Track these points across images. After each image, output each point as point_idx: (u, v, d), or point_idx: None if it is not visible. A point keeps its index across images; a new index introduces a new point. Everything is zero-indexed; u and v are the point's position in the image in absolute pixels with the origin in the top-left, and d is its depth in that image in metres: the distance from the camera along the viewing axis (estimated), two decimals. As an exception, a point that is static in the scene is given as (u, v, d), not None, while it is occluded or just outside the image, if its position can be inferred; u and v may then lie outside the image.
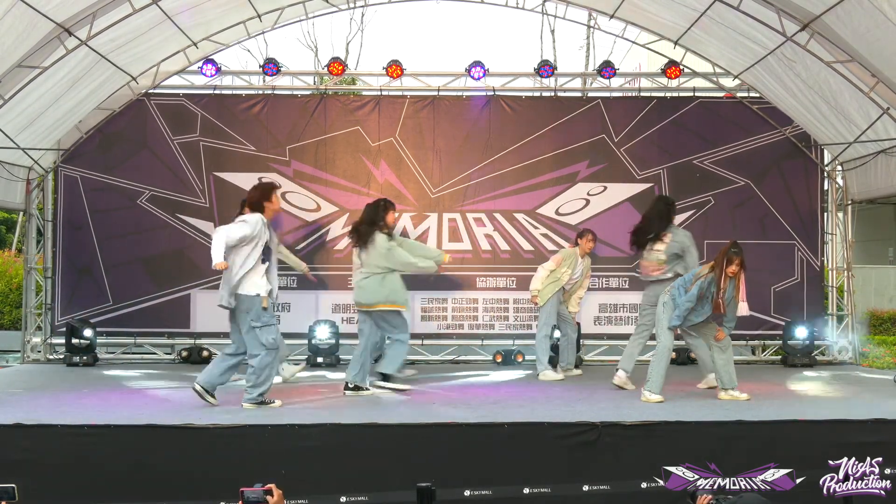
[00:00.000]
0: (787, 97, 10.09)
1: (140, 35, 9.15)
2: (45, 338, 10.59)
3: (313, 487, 5.70)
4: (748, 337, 10.52)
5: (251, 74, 11.24)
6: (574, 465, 5.92)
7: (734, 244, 7.37)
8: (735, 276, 7.34)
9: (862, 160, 10.14)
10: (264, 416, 6.53)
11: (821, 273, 10.88)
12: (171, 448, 5.94)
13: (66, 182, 10.55)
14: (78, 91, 9.41)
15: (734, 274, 7.32)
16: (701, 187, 10.68)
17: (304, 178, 10.70)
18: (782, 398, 7.75)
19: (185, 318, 10.58)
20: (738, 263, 7.29)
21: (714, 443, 6.06)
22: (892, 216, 21.90)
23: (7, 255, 20.34)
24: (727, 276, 7.30)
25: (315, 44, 29.43)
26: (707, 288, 7.33)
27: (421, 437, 6.13)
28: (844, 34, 8.22)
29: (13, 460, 5.76)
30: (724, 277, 7.30)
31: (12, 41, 7.68)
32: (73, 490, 5.58)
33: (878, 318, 17.83)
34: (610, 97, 11.08)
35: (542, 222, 10.76)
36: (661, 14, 9.92)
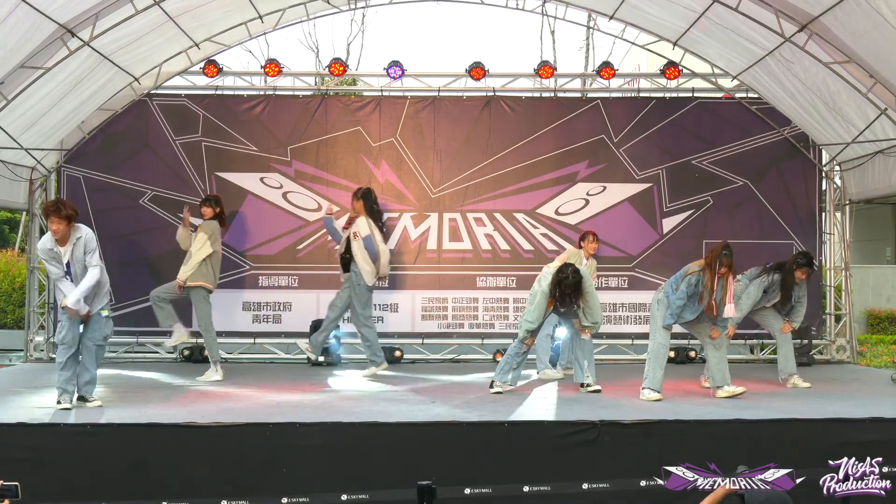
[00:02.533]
0: (786, 98, 10.08)
1: (142, 36, 9.14)
2: (48, 337, 10.59)
3: (314, 486, 5.69)
4: (747, 336, 10.51)
5: (253, 75, 11.23)
6: (574, 463, 5.92)
7: (726, 246, 7.43)
8: (724, 278, 7.36)
9: (860, 160, 10.14)
10: (266, 415, 6.53)
11: (819, 273, 10.87)
12: (173, 447, 5.94)
13: (68, 182, 10.54)
14: (80, 91, 9.41)
15: (724, 276, 7.35)
16: (700, 187, 10.68)
17: (305, 178, 10.70)
18: (781, 397, 7.75)
19: (186, 318, 10.54)
20: (727, 266, 7.33)
21: (713, 441, 6.06)
22: (889, 216, 21.91)
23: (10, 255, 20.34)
24: (717, 276, 7.33)
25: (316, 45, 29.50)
26: (695, 285, 7.38)
27: (421, 436, 6.12)
28: (842, 35, 8.21)
29: (16, 459, 5.75)
30: (715, 278, 7.32)
31: (15, 42, 7.68)
32: (75, 488, 5.58)
33: (876, 317, 17.85)
34: (609, 98, 11.07)
35: (541, 222, 10.76)
36: (660, 15, 9.91)
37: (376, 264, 9.00)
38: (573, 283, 7.53)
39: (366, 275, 8.94)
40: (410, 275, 10.63)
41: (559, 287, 7.57)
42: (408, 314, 10.69)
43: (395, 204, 10.71)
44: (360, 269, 8.93)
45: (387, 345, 10.41)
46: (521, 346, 7.91)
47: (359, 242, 8.93)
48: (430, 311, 10.64)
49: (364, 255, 8.92)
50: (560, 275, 7.59)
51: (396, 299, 10.66)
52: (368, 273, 8.95)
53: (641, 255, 10.72)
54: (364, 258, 8.92)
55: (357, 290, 9.00)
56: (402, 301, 10.69)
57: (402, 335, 10.60)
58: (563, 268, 7.66)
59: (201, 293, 8.89)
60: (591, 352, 8.08)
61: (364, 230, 8.96)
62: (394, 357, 10.30)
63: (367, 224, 9.01)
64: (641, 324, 10.46)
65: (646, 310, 10.33)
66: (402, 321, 10.63)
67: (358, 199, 9.15)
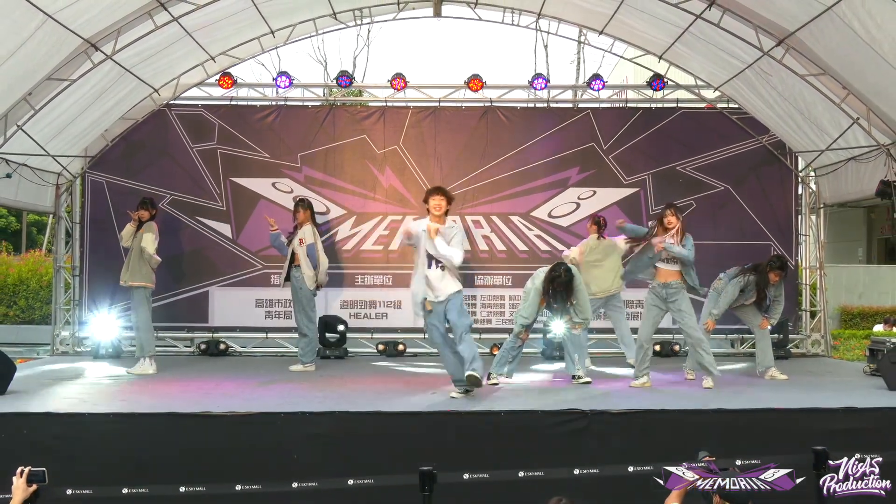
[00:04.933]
0: (764, 108, 10.08)
1: (161, 50, 9.15)
2: (73, 332, 10.60)
3: (323, 471, 5.69)
4: (728, 331, 10.50)
5: (265, 86, 11.23)
6: (566, 450, 5.92)
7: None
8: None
9: (833, 167, 10.14)
10: (277, 405, 6.54)
11: (795, 272, 10.88)
12: (191, 434, 5.95)
13: (92, 187, 10.54)
14: (104, 102, 9.41)
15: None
16: (684, 192, 10.66)
17: (314, 184, 10.70)
18: (759, 388, 7.75)
19: (203, 314, 10.58)
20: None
21: (695, 430, 6.07)
22: (861, 219, 21.92)
23: (38, 255, 20.34)
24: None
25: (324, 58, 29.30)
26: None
27: (423, 425, 6.14)
28: (817, 49, 8.21)
29: (44, 446, 5.77)
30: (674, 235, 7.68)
31: (43, 55, 7.68)
32: (99, 473, 5.58)
33: (849, 313, 17.85)
34: (599, 108, 11.09)
35: (535, 224, 10.76)
36: (646, 30, 9.91)
37: (316, 271, 8.98)
38: (565, 282, 7.53)
39: (308, 279, 8.91)
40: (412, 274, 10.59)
41: (552, 285, 7.57)
42: (410, 310, 10.62)
43: (399, 207, 10.71)
44: (303, 273, 8.90)
45: (390, 339, 10.44)
46: (517, 341, 7.91)
47: (303, 249, 8.93)
48: (431, 307, 10.62)
49: (307, 261, 8.92)
50: (553, 273, 7.59)
51: (399, 296, 10.66)
52: (310, 278, 8.92)
53: (630, 255, 10.69)
54: (307, 264, 8.91)
55: (300, 294, 8.97)
56: (404, 298, 10.64)
57: (404, 330, 10.58)
58: (555, 266, 7.67)
59: (145, 293, 8.72)
60: (581, 346, 8.07)
61: (309, 238, 8.99)
62: (397, 350, 10.32)
63: (313, 232, 9.06)
64: (630, 319, 10.44)
65: (634, 306, 10.35)
66: (404, 317, 10.61)
67: (305, 208, 9.14)
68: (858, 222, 21.92)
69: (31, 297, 17.89)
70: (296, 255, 8.95)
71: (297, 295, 9.00)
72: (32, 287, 17.91)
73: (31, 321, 17.56)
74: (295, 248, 8.97)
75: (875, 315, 17.12)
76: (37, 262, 18.71)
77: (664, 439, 5.95)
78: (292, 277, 8.99)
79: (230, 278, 10.60)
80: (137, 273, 8.63)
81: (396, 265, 10.63)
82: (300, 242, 8.96)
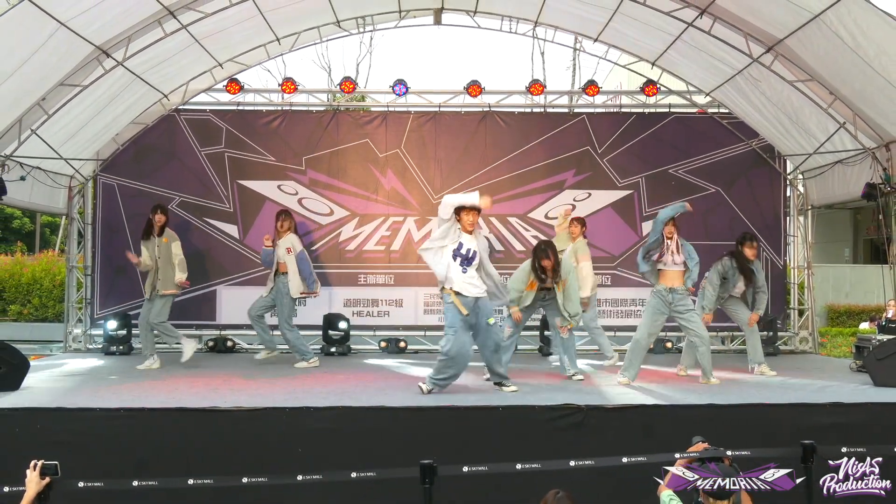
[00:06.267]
0: (754, 113, 10.07)
1: (171, 56, 9.14)
2: (85, 329, 10.59)
3: (326, 464, 5.68)
4: (719, 328, 10.49)
5: (271, 92, 11.21)
6: (562, 443, 5.93)
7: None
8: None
9: (821, 170, 10.13)
10: (283, 400, 6.52)
11: (784, 271, 10.89)
12: (199, 428, 5.94)
13: (104, 189, 10.54)
14: (115, 107, 9.40)
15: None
16: (676, 194, 10.64)
17: (318, 186, 10.69)
18: (749, 384, 7.74)
19: (211, 312, 10.57)
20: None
21: (687, 424, 6.04)
22: (848, 220, 21.93)
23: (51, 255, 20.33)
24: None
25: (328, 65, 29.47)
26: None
27: (424, 419, 6.12)
28: (805, 56, 8.20)
29: (56, 440, 5.76)
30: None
31: (56, 62, 7.67)
32: (109, 467, 5.57)
33: (836, 311, 17.87)
34: (594, 113, 11.09)
35: (532, 225, 10.75)
36: (639, 38, 9.90)
37: (304, 278, 8.96)
38: (548, 250, 7.56)
39: (293, 286, 8.91)
40: (413, 273, 10.61)
41: (536, 257, 7.60)
42: (411, 308, 10.68)
43: (400, 209, 10.70)
44: (290, 280, 8.90)
45: (392, 336, 10.43)
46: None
47: (292, 258, 8.92)
48: (432, 305, 10.63)
49: (295, 269, 8.90)
50: (538, 247, 7.69)
51: (401, 295, 10.66)
52: (296, 286, 8.92)
53: (623, 254, 10.71)
54: (294, 271, 8.90)
55: (283, 299, 8.94)
56: (405, 297, 10.69)
57: (406, 328, 10.59)
58: (541, 242, 7.80)
59: (172, 298, 8.87)
60: (570, 348, 8.00)
61: (298, 246, 9.01)
62: (398, 347, 10.31)
63: (300, 240, 9.11)
64: (623, 317, 10.48)
65: (627, 305, 10.34)
66: (406, 315, 10.62)
67: (288, 217, 9.16)
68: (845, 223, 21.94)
69: (44, 296, 17.89)
70: (281, 263, 8.95)
71: (282, 301, 8.95)
72: (46, 286, 17.90)
73: (45, 319, 17.56)
74: (282, 257, 8.95)
75: (861, 313, 17.13)
76: (50, 262, 18.71)
77: (658, 433, 5.95)
78: (277, 283, 8.97)
79: (237, 278, 10.59)
80: (169, 281, 8.71)
81: (398, 265, 10.64)
82: (288, 251, 8.94)
